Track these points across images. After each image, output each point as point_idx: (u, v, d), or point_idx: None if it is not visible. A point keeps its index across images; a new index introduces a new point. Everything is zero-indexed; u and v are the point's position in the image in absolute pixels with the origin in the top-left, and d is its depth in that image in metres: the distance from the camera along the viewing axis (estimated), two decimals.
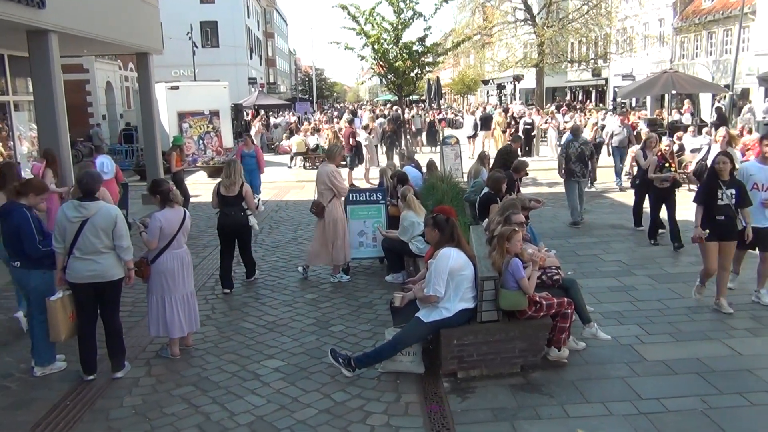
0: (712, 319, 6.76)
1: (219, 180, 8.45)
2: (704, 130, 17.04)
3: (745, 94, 30.10)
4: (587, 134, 14.83)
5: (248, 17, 51.22)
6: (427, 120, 26.55)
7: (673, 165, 9.85)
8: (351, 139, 17.74)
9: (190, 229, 6.49)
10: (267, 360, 6.04)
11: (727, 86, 25.63)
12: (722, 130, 12.37)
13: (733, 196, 6.80)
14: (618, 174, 16.09)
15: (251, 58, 51.69)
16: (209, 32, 47.15)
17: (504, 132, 21.27)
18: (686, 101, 24.29)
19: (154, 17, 14.63)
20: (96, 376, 5.66)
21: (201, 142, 21.58)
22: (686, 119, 22.34)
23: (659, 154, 9.93)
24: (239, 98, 38.34)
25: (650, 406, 4.96)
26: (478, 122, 23.81)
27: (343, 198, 8.81)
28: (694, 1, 36.59)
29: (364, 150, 17.80)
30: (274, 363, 5.97)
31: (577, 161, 11.68)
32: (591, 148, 12.58)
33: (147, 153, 15.19)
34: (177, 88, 22.10)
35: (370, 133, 19.67)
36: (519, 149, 13.74)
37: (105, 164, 10.60)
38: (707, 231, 6.79)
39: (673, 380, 5.40)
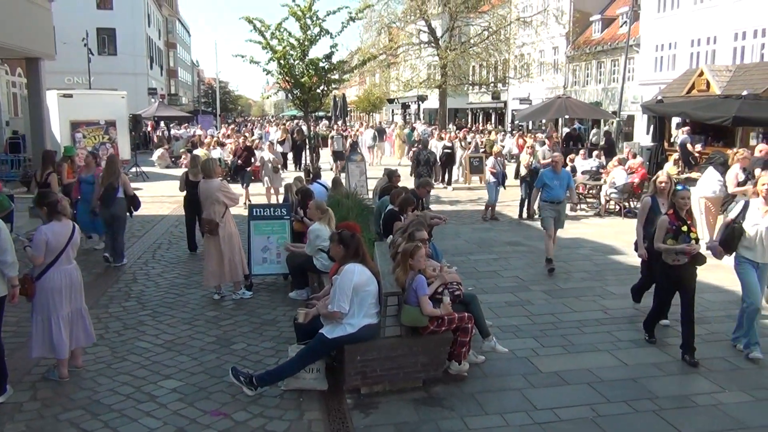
0: (601, 332, 7.14)
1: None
2: (594, 153, 18.06)
3: (630, 120, 32.24)
4: (524, 158, 15.10)
5: (149, 26, 49.60)
6: (349, 141, 24.18)
7: (693, 230, 6.41)
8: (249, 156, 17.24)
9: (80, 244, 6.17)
10: (164, 380, 5.81)
11: (614, 113, 27.39)
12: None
13: None
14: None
15: (151, 68, 50.00)
16: (106, 39, 45.24)
17: (404, 142, 22.74)
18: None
19: (45, 20, 13.89)
20: None
21: (96, 153, 20.56)
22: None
23: (670, 212, 6.52)
24: (138, 109, 36.94)
25: (544, 416, 5.17)
26: (376, 134, 28.49)
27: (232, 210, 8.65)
28: (585, 32, 38.93)
29: (270, 166, 16.64)
30: (171, 383, 5.74)
31: (425, 165, 15.56)
32: (435, 156, 16.91)
33: (36, 163, 14.30)
34: (70, 96, 21.00)
35: (282, 143, 20.83)
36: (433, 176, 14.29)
37: None
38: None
39: (565, 390, 5.66)
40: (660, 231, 6.45)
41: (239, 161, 17.59)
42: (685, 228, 6.34)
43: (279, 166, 16.03)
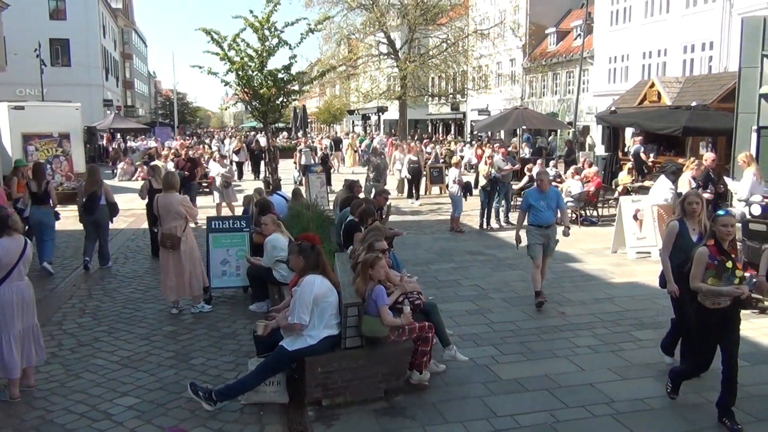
0: (559, 338, 7.26)
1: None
2: (551, 162, 18.41)
3: (586, 131, 32.95)
4: (482, 168, 15.10)
5: (104, 36, 48.73)
6: (319, 154, 23.87)
7: (739, 266, 5.18)
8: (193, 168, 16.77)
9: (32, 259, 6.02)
10: (120, 398, 5.68)
11: (570, 123, 27.97)
12: None
13: None
14: (504, 213, 15.18)
15: (107, 79, 49.09)
16: (60, 50, 44.21)
17: (356, 152, 23.00)
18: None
19: None
20: None
21: (49, 166, 20.04)
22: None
23: (711, 244, 5.22)
24: (93, 121, 36.23)
25: (504, 423, 5.22)
26: (332, 144, 30.49)
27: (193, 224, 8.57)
28: (541, 45, 39.73)
29: (220, 180, 15.75)
30: (128, 401, 5.63)
31: (375, 170, 16.95)
32: (386, 164, 17.97)
33: None
34: (22, 108, 20.43)
35: (237, 152, 21.37)
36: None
37: None
38: None
39: (525, 397, 5.73)
40: (698, 267, 5.20)
41: (185, 173, 16.79)
42: (729, 264, 5.10)
43: (230, 180, 15.67)
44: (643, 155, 17.98)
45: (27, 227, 9.53)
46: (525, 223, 8.82)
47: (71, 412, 5.41)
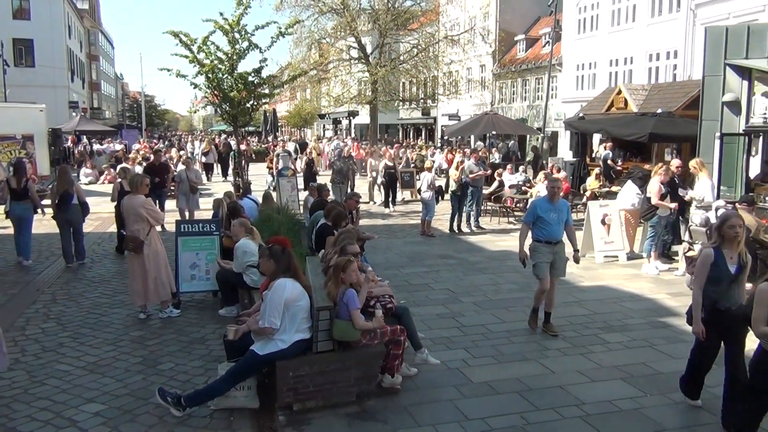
0: (529, 341, 7.32)
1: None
2: (520, 168, 18.60)
3: (554, 136, 33.38)
4: (452, 173, 15.03)
5: (69, 37, 47.87)
6: (304, 159, 22.89)
7: None
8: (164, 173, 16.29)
9: None
10: (86, 404, 5.56)
11: (539, 129, 28.30)
12: None
13: None
14: (475, 217, 15.22)
15: (72, 80, 48.21)
16: (23, 50, 43.32)
17: (319, 155, 23.16)
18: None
19: None
20: None
21: (11, 168, 19.60)
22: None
23: (735, 242, 5.12)
24: (59, 123, 35.49)
25: (476, 426, 5.24)
26: (298, 147, 30.26)
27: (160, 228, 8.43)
28: (511, 51, 40.17)
29: (186, 185, 15.01)
30: (94, 407, 5.50)
31: (338, 173, 17.46)
32: (349, 166, 18.23)
33: None
34: None
35: (206, 154, 21.90)
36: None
37: None
38: None
39: (496, 400, 5.76)
40: (760, 308, 4.45)
41: (156, 179, 15.97)
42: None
43: (198, 185, 15.08)
44: (611, 161, 18.29)
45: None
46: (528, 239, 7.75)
47: (35, 419, 5.27)
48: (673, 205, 10.67)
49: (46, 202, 13.05)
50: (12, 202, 10.93)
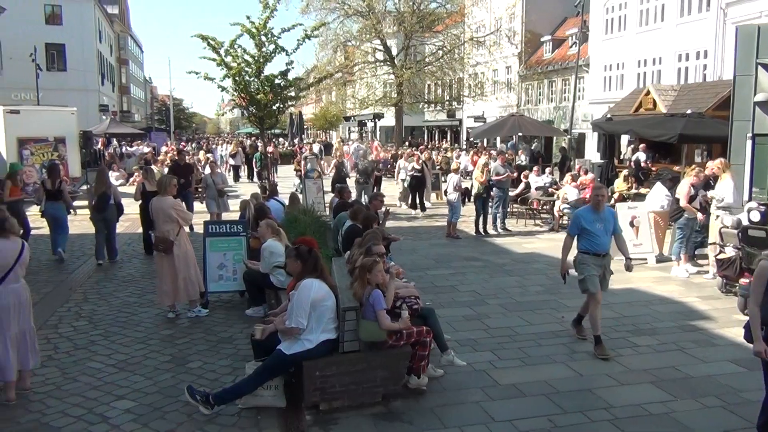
0: (557, 344, 7.25)
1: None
2: (547, 170, 18.45)
3: (581, 138, 33.06)
4: (476, 174, 14.93)
5: (100, 42, 48.69)
6: (334, 162, 21.88)
7: None
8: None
9: (30, 263, 5.98)
10: (117, 401, 5.65)
11: (566, 130, 28.07)
12: None
13: None
14: (501, 219, 15.00)
15: (103, 84, 49.02)
16: (56, 55, 44.17)
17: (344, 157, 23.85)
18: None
19: None
20: None
21: (44, 170, 20.03)
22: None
23: None
24: (89, 125, 36.12)
25: (502, 429, 5.21)
26: (322, 148, 30.71)
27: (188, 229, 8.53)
28: (537, 52, 39.90)
29: (214, 189, 14.68)
30: (124, 404, 5.59)
31: (363, 174, 17.45)
32: (373, 166, 18.53)
33: None
34: (17, 112, 20.46)
35: (234, 156, 22.20)
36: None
37: None
38: None
39: (523, 402, 5.71)
40: (758, 285, 4.41)
41: (182, 180, 15.88)
42: None
43: (224, 189, 14.87)
44: (644, 163, 18.01)
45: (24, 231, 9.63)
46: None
47: (67, 415, 5.37)
48: (700, 216, 10.49)
49: (77, 203, 13.33)
50: (47, 202, 11.46)
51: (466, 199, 14.64)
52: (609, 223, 7.12)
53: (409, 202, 18.71)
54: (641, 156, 18.03)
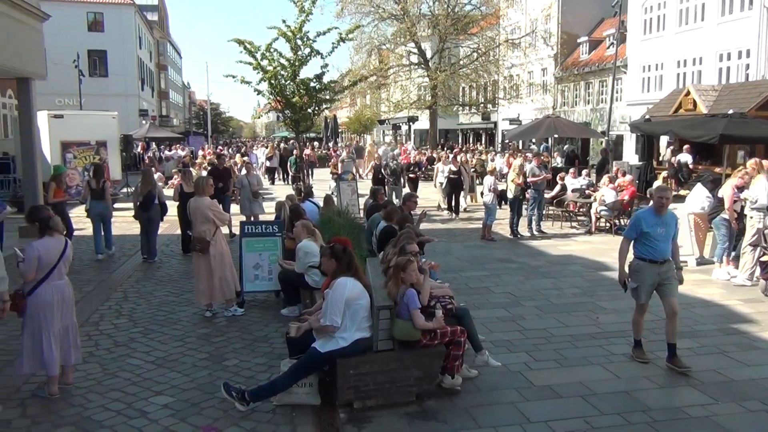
0: (593, 346, 7.15)
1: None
2: (584, 171, 18.21)
3: (619, 140, 32.56)
4: (511, 175, 14.80)
5: (140, 48, 49.81)
6: (372, 163, 21.58)
7: None
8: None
9: (73, 263, 6.13)
10: (155, 397, 5.76)
11: (603, 132, 27.66)
12: None
13: None
14: (536, 221, 14.83)
15: (142, 89, 50.13)
16: (98, 61, 45.40)
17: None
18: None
19: (36, 40, 13.91)
20: None
21: (86, 173, 20.54)
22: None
23: None
24: (129, 129, 36.98)
25: (538, 429, 5.16)
26: (354, 152, 29.48)
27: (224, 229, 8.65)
28: (573, 54, 39.42)
29: (248, 191, 14.58)
30: (163, 399, 5.70)
31: (392, 175, 18.03)
32: (402, 167, 19.24)
33: (26, 183, 14.27)
34: (61, 116, 21.03)
35: (270, 159, 22.67)
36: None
37: None
38: None
39: (559, 403, 5.65)
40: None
41: (220, 184, 15.90)
42: None
43: (260, 190, 14.82)
44: (692, 165, 17.63)
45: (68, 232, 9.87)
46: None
47: (108, 409, 5.50)
48: (733, 224, 10.27)
49: (116, 205, 13.69)
50: (92, 201, 11.95)
51: (502, 202, 14.52)
52: (671, 228, 6.59)
53: (445, 204, 18.58)
54: (687, 158, 17.63)
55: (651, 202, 6.74)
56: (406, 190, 18.66)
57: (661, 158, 20.97)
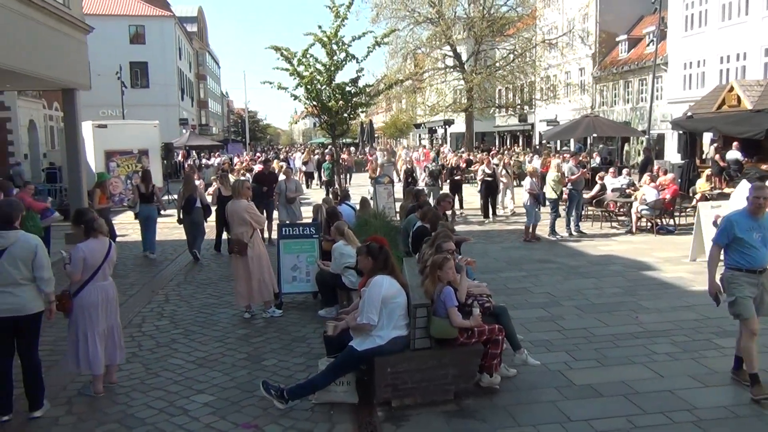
0: (635, 345, 7.00)
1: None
2: (624, 171, 17.88)
3: (660, 139, 31.90)
4: (551, 174, 14.54)
5: (180, 59, 50.86)
6: (404, 168, 20.90)
7: None
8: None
9: (116, 266, 6.28)
10: (196, 395, 5.85)
11: (644, 131, 27.15)
12: None
13: None
14: (575, 222, 14.66)
15: (182, 99, 51.16)
16: (139, 72, 46.57)
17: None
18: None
19: (81, 52, 14.35)
20: (11, 416, 5.32)
21: (129, 181, 21.03)
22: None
23: None
24: (170, 138, 37.77)
25: (579, 428, 5.07)
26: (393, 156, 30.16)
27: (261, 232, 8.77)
28: (612, 53, 38.83)
29: (285, 196, 14.58)
30: (203, 398, 5.79)
31: (430, 176, 18.56)
32: (439, 169, 20.31)
33: (71, 191, 14.71)
34: (105, 126, 21.62)
35: (306, 164, 23.45)
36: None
37: None
38: None
39: (600, 402, 5.55)
40: None
41: (263, 188, 15.99)
42: None
43: (297, 196, 14.70)
44: (744, 161, 17.16)
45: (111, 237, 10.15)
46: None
47: (150, 407, 5.61)
48: None
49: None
50: (141, 204, 12.69)
51: (541, 202, 14.34)
52: None
53: (481, 208, 18.10)
54: (736, 155, 17.11)
55: (745, 203, 5.84)
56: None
57: (704, 156, 20.46)
